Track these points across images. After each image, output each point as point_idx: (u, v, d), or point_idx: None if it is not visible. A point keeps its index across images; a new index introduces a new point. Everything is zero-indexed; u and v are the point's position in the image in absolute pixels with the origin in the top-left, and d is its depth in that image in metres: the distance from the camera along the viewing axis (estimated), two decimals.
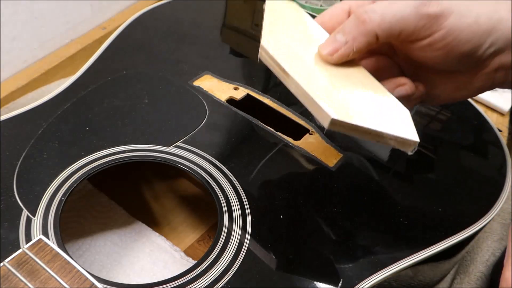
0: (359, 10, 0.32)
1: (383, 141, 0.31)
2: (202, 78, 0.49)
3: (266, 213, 0.37)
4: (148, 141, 0.41)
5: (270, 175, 0.41)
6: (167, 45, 0.54)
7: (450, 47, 0.32)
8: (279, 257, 0.35)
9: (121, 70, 0.49)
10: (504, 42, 0.32)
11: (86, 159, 0.39)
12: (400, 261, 0.36)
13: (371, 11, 0.32)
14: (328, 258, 0.36)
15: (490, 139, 0.49)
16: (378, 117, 0.31)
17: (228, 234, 0.36)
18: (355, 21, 0.32)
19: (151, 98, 0.46)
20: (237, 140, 0.43)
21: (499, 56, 0.33)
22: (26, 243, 0.33)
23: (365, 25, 0.32)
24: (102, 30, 0.71)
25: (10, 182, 0.37)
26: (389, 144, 0.31)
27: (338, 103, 0.31)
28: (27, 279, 0.28)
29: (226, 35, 0.58)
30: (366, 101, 0.32)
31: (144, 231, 0.46)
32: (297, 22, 0.37)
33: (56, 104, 0.44)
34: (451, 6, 0.32)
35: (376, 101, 0.33)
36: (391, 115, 0.32)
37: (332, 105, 0.30)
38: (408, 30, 0.32)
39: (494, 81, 0.35)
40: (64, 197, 0.36)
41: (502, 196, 0.43)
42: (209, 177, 0.39)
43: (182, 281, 0.33)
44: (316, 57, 0.34)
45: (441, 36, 0.32)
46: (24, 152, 0.39)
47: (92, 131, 0.42)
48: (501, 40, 0.32)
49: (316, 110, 0.30)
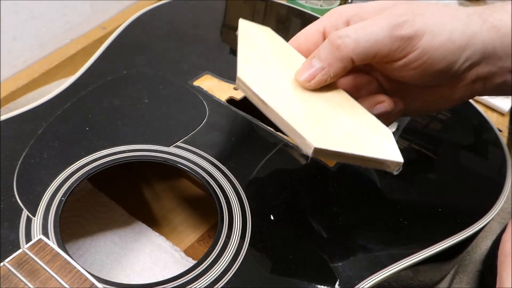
0: (333, 36, 0.32)
1: (368, 164, 0.31)
2: (202, 78, 0.49)
3: (266, 213, 0.37)
4: (148, 141, 0.41)
5: (270, 175, 0.41)
6: (167, 45, 0.54)
7: (426, 65, 0.33)
8: (279, 257, 0.35)
9: (121, 70, 0.49)
10: (479, 55, 0.32)
11: (86, 159, 0.39)
12: (400, 261, 0.36)
13: (344, 36, 0.32)
14: (328, 258, 0.36)
15: (490, 139, 0.49)
16: (361, 141, 0.31)
17: (228, 234, 0.36)
18: (330, 47, 0.32)
19: (151, 98, 0.46)
20: (237, 140, 0.43)
21: (475, 68, 0.33)
22: (26, 243, 0.33)
23: (339, 51, 0.32)
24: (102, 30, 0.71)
25: (10, 182, 0.37)
26: (374, 167, 0.31)
27: (319, 130, 0.30)
28: (27, 279, 0.28)
29: (226, 35, 0.58)
30: (348, 125, 0.32)
31: (144, 231, 0.46)
32: (272, 47, 0.37)
33: (56, 104, 0.44)
34: (424, 26, 0.32)
35: (357, 124, 0.32)
36: (374, 138, 0.32)
37: (313, 133, 0.30)
38: (383, 53, 0.32)
39: (473, 91, 0.35)
40: (64, 197, 0.36)
41: (502, 196, 0.43)
42: (209, 177, 0.39)
43: (182, 281, 0.33)
44: (293, 82, 0.34)
45: (416, 57, 0.32)
46: (24, 152, 0.39)
47: (92, 131, 0.42)
48: (476, 54, 0.32)
49: (298, 139, 0.30)
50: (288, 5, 0.63)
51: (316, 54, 0.33)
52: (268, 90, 0.32)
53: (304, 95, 0.33)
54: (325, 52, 0.33)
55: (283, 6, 0.63)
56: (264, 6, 0.63)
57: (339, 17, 0.35)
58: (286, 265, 0.35)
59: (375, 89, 0.37)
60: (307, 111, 0.32)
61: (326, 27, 0.35)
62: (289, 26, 0.61)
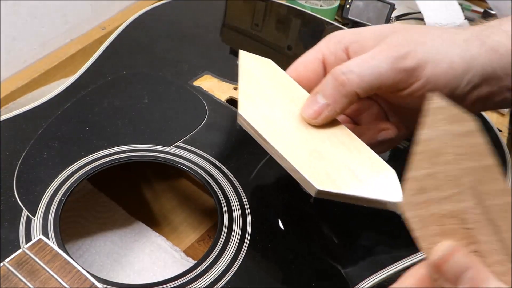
0: (336, 72, 0.32)
1: (371, 204, 0.30)
2: (202, 78, 0.49)
3: (266, 213, 0.37)
4: (148, 141, 0.41)
5: (270, 175, 0.41)
6: (167, 45, 0.54)
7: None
8: (279, 257, 0.35)
9: (121, 70, 0.49)
10: (479, 77, 0.32)
11: (86, 159, 0.39)
12: (400, 261, 0.36)
13: (348, 72, 0.32)
14: (328, 258, 0.36)
15: (490, 139, 0.49)
16: (365, 182, 0.31)
17: (228, 234, 0.36)
18: (334, 83, 0.32)
19: (151, 98, 0.46)
20: (237, 140, 0.43)
21: (476, 90, 0.33)
22: (26, 243, 0.33)
23: (344, 87, 0.32)
24: (102, 30, 0.71)
25: (10, 182, 0.37)
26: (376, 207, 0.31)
27: (322, 171, 0.30)
28: (27, 279, 0.28)
29: (226, 35, 0.58)
30: (351, 165, 0.32)
31: (144, 231, 0.46)
32: (273, 81, 0.36)
33: (56, 104, 0.44)
34: (426, 56, 0.32)
35: (360, 164, 0.32)
36: (377, 178, 0.31)
37: (316, 175, 0.30)
38: (387, 85, 0.32)
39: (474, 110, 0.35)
40: (64, 197, 0.36)
41: None
42: (209, 177, 0.39)
43: (182, 281, 0.33)
44: (295, 118, 0.33)
45: (420, 86, 0.32)
46: (24, 152, 0.39)
47: (92, 131, 0.42)
48: (476, 76, 0.32)
49: (301, 179, 0.30)
50: (288, 5, 0.63)
51: (320, 90, 0.33)
52: (271, 128, 0.32)
53: (306, 132, 0.33)
54: (329, 89, 0.32)
55: (283, 6, 0.63)
56: (264, 6, 0.63)
57: (338, 44, 0.35)
58: (286, 265, 0.35)
59: (376, 112, 0.37)
60: (310, 151, 0.31)
61: (325, 54, 0.35)
62: (289, 26, 0.61)
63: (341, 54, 0.35)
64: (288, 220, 0.37)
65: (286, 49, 0.57)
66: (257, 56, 0.38)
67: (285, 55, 0.56)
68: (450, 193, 0.22)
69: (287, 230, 0.37)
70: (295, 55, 0.43)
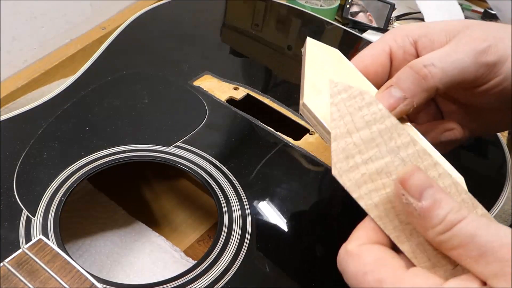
0: (417, 64, 0.31)
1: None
2: (202, 78, 0.49)
3: (266, 213, 0.37)
4: (148, 141, 0.41)
5: (270, 175, 0.41)
6: (167, 45, 0.54)
7: (506, 91, 0.32)
8: (279, 257, 0.35)
9: (121, 70, 0.49)
10: None
11: (86, 159, 0.39)
12: None
13: (430, 65, 0.30)
14: (328, 258, 0.36)
15: (490, 139, 0.49)
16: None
17: (228, 234, 0.36)
18: (414, 76, 0.30)
19: (151, 98, 0.46)
20: (237, 140, 0.43)
21: None
22: (26, 243, 0.33)
23: (426, 81, 0.30)
24: (102, 30, 0.71)
25: (10, 182, 0.37)
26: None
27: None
28: (27, 279, 0.28)
29: (226, 35, 0.58)
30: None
31: (144, 231, 0.46)
32: (340, 72, 0.34)
33: (56, 104, 0.44)
34: (506, 51, 0.31)
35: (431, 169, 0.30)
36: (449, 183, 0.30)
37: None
38: (468, 80, 0.31)
39: None
40: (64, 197, 0.36)
41: (502, 197, 0.43)
42: (209, 177, 0.39)
43: (182, 281, 0.33)
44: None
45: (498, 82, 0.31)
46: (24, 152, 0.39)
47: (92, 131, 0.42)
48: None
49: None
50: (288, 5, 0.63)
51: (395, 83, 0.31)
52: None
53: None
54: (408, 82, 0.31)
55: (283, 6, 0.63)
56: (264, 6, 0.63)
57: (406, 38, 0.34)
58: (286, 265, 0.35)
59: (433, 112, 0.36)
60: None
61: (392, 47, 0.34)
62: (289, 26, 0.61)
63: (409, 48, 0.33)
64: (287, 220, 0.37)
65: (286, 49, 0.57)
66: (324, 44, 0.37)
67: (285, 55, 0.56)
68: (371, 153, 0.26)
69: (287, 229, 0.37)
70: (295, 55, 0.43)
